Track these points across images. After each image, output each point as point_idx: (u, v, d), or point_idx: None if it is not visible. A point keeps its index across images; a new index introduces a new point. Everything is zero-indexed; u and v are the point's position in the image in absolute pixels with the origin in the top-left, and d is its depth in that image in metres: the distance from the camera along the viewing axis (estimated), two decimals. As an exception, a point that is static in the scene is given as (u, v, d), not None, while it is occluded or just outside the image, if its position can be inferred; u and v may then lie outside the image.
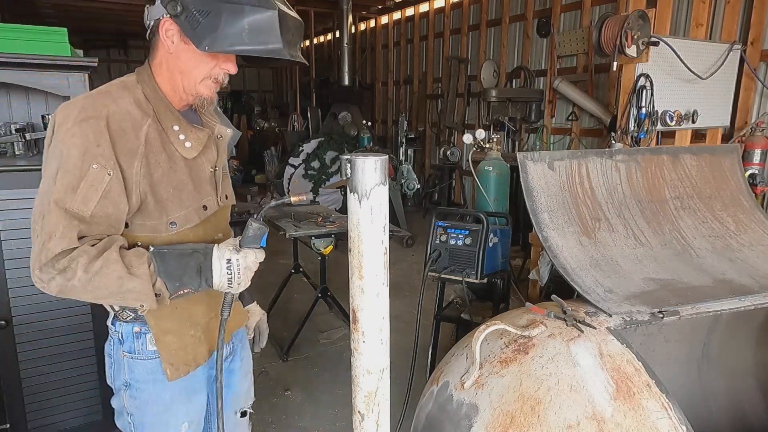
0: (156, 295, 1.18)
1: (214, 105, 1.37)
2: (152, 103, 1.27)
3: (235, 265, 1.23)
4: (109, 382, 1.41)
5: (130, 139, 1.20)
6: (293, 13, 1.26)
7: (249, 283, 1.27)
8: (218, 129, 1.42)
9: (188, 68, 1.25)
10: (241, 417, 1.63)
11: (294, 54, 1.25)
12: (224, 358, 1.50)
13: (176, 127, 1.29)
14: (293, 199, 1.28)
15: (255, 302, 1.71)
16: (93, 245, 1.15)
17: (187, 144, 1.30)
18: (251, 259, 1.24)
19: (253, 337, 1.71)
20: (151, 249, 1.20)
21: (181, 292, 1.22)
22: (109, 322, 1.38)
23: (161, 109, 1.27)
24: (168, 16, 1.20)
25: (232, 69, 1.29)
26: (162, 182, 1.25)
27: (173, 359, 1.35)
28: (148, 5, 1.25)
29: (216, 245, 1.26)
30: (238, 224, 1.49)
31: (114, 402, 1.41)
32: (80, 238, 1.14)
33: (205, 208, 1.36)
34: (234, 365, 1.58)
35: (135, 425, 1.39)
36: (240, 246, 1.25)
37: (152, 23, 1.25)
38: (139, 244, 1.25)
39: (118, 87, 1.26)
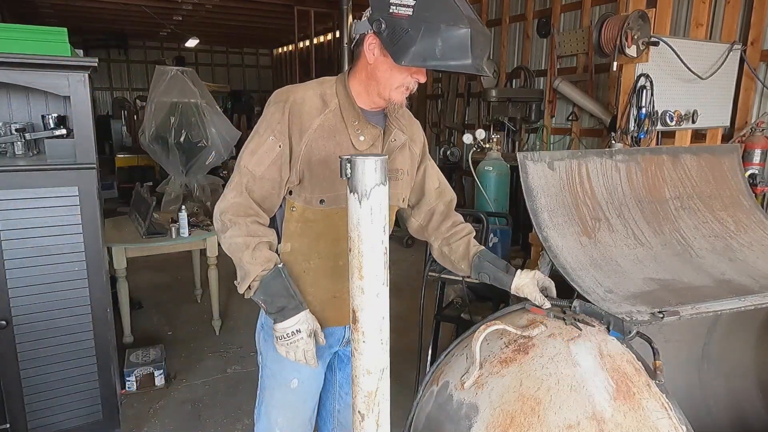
0: (249, 288, 1.41)
1: (403, 107, 1.52)
2: (340, 99, 1.48)
3: (297, 338, 1.41)
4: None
5: (304, 122, 1.43)
6: (484, 29, 1.39)
7: (286, 355, 1.44)
8: (395, 133, 1.57)
9: (384, 78, 1.42)
10: None
11: (479, 67, 1.36)
12: (345, 341, 1.68)
13: (356, 122, 1.48)
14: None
15: (518, 272, 1.64)
16: (250, 220, 1.42)
17: (361, 137, 1.48)
18: (309, 347, 1.42)
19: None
20: (280, 265, 1.42)
21: (259, 303, 1.43)
22: None
23: (346, 105, 1.47)
24: (372, 32, 1.36)
25: (422, 79, 1.44)
26: (321, 163, 1.44)
27: None
28: (355, 20, 1.49)
29: (309, 314, 1.44)
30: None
31: (256, 340, 1.69)
32: (248, 190, 1.43)
33: None
34: None
35: (262, 365, 1.67)
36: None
37: (357, 37, 1.43)
38: (293, 209, 1.49)
39: (315, 81, 1.51)
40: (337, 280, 1.56)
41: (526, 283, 1.59)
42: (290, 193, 1.49)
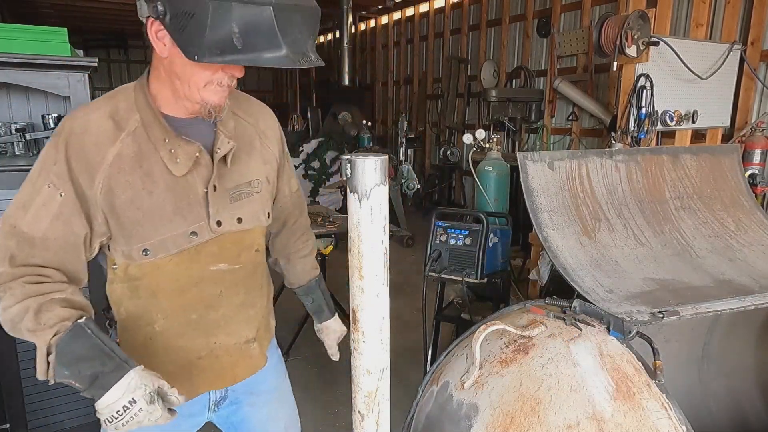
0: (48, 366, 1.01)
1: (225, 111, 1.16)
2: (141, 113, 1.12)
3: (133, 412, 0.98)
4: None
5: (91, 157, 1.08)
6: (305, 1, 1.02)
7: None
8: (220, 141, 1.19)
9: (186, 75, 1.07)
10: None
11: (303, 57, 1.02)
12: (214, 404, 1.37)
13: (167, 140, 1.12)
14: None
15: (336, 316, 1.64)
16: (26, 279, 1.04)
17: (178, 160, 1.13)
18: (155, 416, 1.00)
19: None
20: (80, 322, 1.02)
21: (68, 381, 1.00)
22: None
23: (150, 120, 1.12)
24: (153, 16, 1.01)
25: (238, 73, 1.11)
26: (129, 205, 1.11)
27: None
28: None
29: (142, 371, 1.01)
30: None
31: None
32: (18, 260, 1.05)
33: (194, 234, 1.18)
34: (237, 416, 1.43)
35: None
36: None
37: (144, 22, 1.05)
38: (115, 266, 1.17)
39: (105, 97, 1.15)
40: (198, 337, 1.26)
41: (335, 329, 1.62)
42: (108, 248, 1.16)
